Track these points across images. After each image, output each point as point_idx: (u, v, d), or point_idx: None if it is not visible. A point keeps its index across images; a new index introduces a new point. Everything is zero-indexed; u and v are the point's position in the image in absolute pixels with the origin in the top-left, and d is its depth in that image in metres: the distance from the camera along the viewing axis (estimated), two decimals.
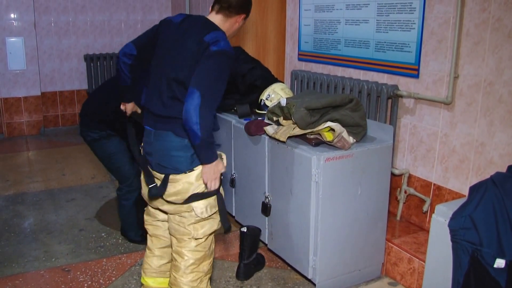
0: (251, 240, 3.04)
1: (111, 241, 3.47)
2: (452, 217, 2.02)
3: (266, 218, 3.10)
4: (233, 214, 3.57)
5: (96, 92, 3.39)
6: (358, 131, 2.78)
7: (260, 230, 3.11)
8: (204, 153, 2.09)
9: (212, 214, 2.26)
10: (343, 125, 2.73)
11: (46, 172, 4.95)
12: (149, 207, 2.46)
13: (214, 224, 2.31)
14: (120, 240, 3.47)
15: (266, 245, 3.19)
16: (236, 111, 3.49)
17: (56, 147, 5.92)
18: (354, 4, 3.50)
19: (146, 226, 2.51)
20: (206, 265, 2.36)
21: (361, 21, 3.46)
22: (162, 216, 2.42)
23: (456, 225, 1.98)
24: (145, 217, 2.51)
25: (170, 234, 2.35)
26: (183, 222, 2.26)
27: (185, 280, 2.31)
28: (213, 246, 2.41)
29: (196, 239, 2.27)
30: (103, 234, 3.58)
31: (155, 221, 2.46)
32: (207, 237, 2.32)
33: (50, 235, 3.56)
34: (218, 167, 2.16)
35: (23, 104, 6.34)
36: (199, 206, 2.21)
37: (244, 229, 3.03)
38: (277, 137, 2.79)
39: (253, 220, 3.24)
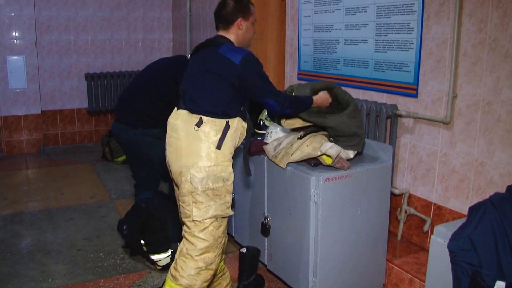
0: (250, 261, 3.01)
1: (109, 261, 3.44)
2: (451, 238, 2.00)
3: (266, 238, 3.07)
4: (233, 235, 3.55)
5: (136, 91, 3.57)
6: (356, 142, 2.76)
7: (259, 251, 3.09)
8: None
9: (214, 195, 2.32)
10: (339, 134, 2.72)
11: (45, 191, 4.94)
12: None
13: (218, 207, 2.34)
14: (118, 261, 3.44)
15: (265, 265, 3.16)
16: None
17: (56, 165, 5.91)
18: (353, 24, 3.52)
19: None
20: (209, 257, 2.36)
21: (360, 41, 3.48)
22: None
23: (455, 246, 1.97)
24: None
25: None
26: (185, 202, 2.34)
27: (184, 266, 2.34)
28: (222, 241, 2.43)
29: (194, 221, 2.31)
30: (101, 254, 3.55)
31: None
32: (212, 223, 2.34)
33: (47, 255, 3.54)
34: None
35: (23, 122, 6.35)
36: (197, 175, 2.30)
37: (244, 250, 3.00)
38: (276, 162, 2.80)
39: (253, 240, 3.21)
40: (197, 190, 2.32)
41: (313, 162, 2.72)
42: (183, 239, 2.43)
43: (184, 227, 2.43)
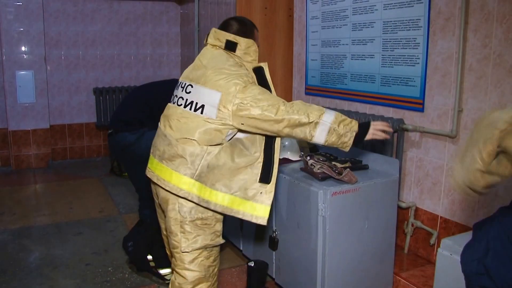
0: (258, 275, 3.02)
1: (117, 275, 3.46)
2: (463, 260, 1.99)
3: (274, 252, 3.09)
4: (241, 248, 3.57)
5: (131, 100, 3.79)
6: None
7: (267, 265, 3.10)
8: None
9: (203, 225, 2.27)
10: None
11: (53, 206, 4.97)
12: None
13: (207, 237, 2.29)
14: (127, 275, 3.46)
15: (273, 279, 3.17)
16: None
17: (64, 180, 5.95)
18: (360, 40, 3.56)
19: None
20: None
21: (367, 56, 3.51)
22: None
23: (470, 270, 1.96)
24: None
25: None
26: (172, 232, 2.29)
27: None
28: (215, 270, 2.38)
29: (183, 252, 2.26)
30: (109, 269, 3.56)
31: None
32: (201, 253, 2.29)
33: (56, 269, 3.56)
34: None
35: (31, 136, 6.41)
36: (186, 204, 2.25)
37: (252, 264, 3.02)
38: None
39: (261, 254, 3.23)
40: (185, 220, 2.27)
41: (321, 176, 2.74)
42: (174, 272, 2.36)
43: (173, 260, 2.37)
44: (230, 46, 2.37)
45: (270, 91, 2.31)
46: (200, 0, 6.18)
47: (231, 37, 2.38)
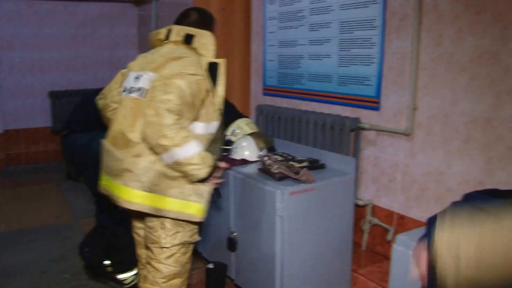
0: (217, 276, 3.00)
1: (74, 282, 3.37)
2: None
3: (233, 253, 3.07)
4: (199, 250, 3.53)
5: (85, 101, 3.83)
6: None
7: (226, 266, 3.08)
8: None
9: (182, 222, 2.25)
10: None
11: (8, 213, 4.80)
12: None
13: (185, 234, 2.29)
14: (84, 282, 3.37)
15: (233, 280, 3.15)
16: None
17: (19, 186, 5.76)
18: (317, 40, 3.59)
19: None
20: (176, 284, 2.32)
21: (324, 56, 3.54)
22: None
23: None
24: None
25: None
26: (152, 227, 2.27)
27: None
28: (189, 267, 2.39)
29: (162, 248, 2.26)
30: (66, 276, 3.46)
31: None
32: (179, 250, 2.29)
33: (11, 278, 3.43)
34: None
35: None
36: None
37: (211, 266, 2.99)
38: None
39: (220, 255, 3.20)
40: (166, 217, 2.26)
41: (278, 176, 2.74)
42: (148, 266, 2.35)
43: (149, 253, 2.36)
44: (188, 39, 2.32)
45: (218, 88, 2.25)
46: (158, 2, 6.11)
47: (190, 30, 2.31)
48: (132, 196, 2.17)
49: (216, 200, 3.04)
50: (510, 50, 2.38)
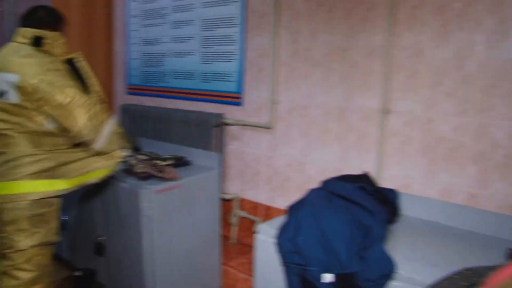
0: (85, 284, 2.84)
1: None
2: (278, 241, 2.08)
3: (102, 258, 2.92)
4: (67, 258, 3.30)
5: None
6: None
7: (95, 272, 2.92)
8: None
9: (41, 222, 2.13)
10: None
11: None
12: None
13: (45, 234, 2.15)
14: None
15: (104, 286, 2.99)
16: None
17: None
18: (180, 38, 3.57)
19: None
20: None
21: (187, 53, 3.53)
22: None
23: (283, 249, 2.05)
24: None
25: None
26: (6, 231, 2.10)
27: None
28: (49, 270, 2.24)
29: (18, 251, 2.09)
30: None
31: None
32: (38, 251, 2.14)
33: None
34: None
35: None
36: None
37: (78, 273, 2.83)
38: None
39: (90, 262, 3.03)
40: (22, 217, 2.10)
41: (142, 176, 2.67)
42: (4, 276, 2.14)
43: (4, 262, 2.15)
44: (37, 42, 2.21)
45: (85, 82, 2.21)
46: None
47: (37, 32, 2.23)
48: None
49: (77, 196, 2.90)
50: (357, 46, 2.56)
